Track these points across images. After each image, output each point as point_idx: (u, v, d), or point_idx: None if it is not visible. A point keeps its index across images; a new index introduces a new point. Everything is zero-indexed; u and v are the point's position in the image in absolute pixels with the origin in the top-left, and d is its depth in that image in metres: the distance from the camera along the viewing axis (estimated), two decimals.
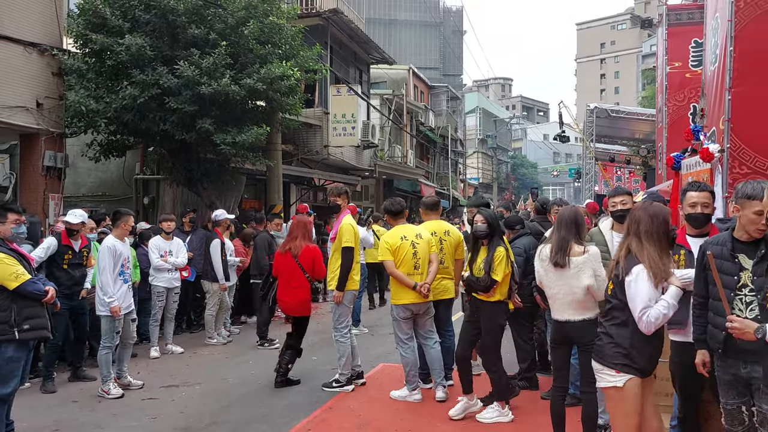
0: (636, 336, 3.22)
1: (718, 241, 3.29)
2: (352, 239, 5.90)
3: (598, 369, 3.37)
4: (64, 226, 6.56)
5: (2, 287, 4.45)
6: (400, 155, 25.41)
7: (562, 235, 4.04)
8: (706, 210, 3.73)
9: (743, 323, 2.92)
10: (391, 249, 5.60)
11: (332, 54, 17.10)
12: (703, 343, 3.34)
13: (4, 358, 4.42)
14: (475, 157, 46.60)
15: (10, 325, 4.45)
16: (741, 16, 5.32)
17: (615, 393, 3.26)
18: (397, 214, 5.92)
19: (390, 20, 45.06)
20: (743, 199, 3.09)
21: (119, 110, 9.42)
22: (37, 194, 9.77)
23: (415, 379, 5.75)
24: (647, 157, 18.62)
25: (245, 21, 9.86)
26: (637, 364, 3.22)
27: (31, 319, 4.56)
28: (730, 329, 2.96)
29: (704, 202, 3.71)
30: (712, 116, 6.24)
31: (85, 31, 9.49)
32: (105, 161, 10.99)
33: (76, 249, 6.46)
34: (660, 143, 11.79)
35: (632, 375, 3.22)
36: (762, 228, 3.05)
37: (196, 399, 5.94)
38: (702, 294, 3.36)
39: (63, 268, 6.34)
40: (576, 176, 33.67)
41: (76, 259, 6.46)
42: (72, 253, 6.42)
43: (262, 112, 10.64)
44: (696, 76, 10.10)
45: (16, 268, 4.50)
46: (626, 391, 3.22)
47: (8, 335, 4.44)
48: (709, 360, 3.32)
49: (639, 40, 68.24)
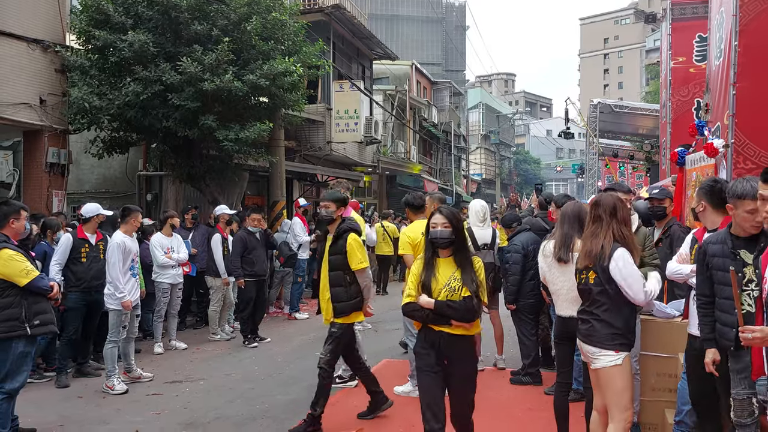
0: (627, 316, 3.47)
1: (717, 239, 3.30)
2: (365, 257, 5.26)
3: (594, 352, 3.48)
4: (82, 221, 6.60)
5: (12, 284, 4.49)
6: (403, 151, 25.39)
7: (565, 231, 4.05)
8: None
9: (765, 332, 2.74)
10: (412, 244, 5.53)
11: (335, 50, 17.06)
12: (711, 342, 3.32)
13: (16, 353, 4.48)
14: (478, 153, 46.53)
15: (21, 321, 4.50)
16: (746, 11, 5.29)
17: (615, 371, 3.44)
18: (418, 209, 5.88)
19: (392, 16, 44.98)
20: (735, 199, 3.14)
21: (122, 107, 9.42)
22: (41, 191, 9.78)
23: None
24: (651, 153, 18.56)
25: (248, 17, 9.84)
26: (629, 340, 3.48)
27: (41, 314, 4.63)
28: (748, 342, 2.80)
29: None
30: (716, 111, 6.21)
31: (87, 28, 9.49)
32: (108, 158, 11.00)
33: (92, 242, 6.49)
34: (664, 138, 11.75)
35: (627, 352, 3.45)
36: (757, 225, 3.07)
37: (199, 394, 5.96)
38: (706, 293, 3.35)
39: (81, 262, 6.38)
40: (579, 172, 33.61)
41: (94, 252, 6.47)
42: (89, 246, 6.45)
43: (264, 109, 10.62)
44: (700, 71, 10.04)
45: (26, 264, 4.56)
46: (624, 366, 3.43)
47: (20, 331, 4.49)
48: (719, 358, 3.29)
49: (643, 35, 67.97)
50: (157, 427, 5.09)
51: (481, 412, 5.33)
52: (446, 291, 3.55)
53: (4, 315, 4.45)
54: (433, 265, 3.63)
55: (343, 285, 4.93)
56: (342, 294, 4.93)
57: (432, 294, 3.57)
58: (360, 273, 4.99)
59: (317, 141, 16.20)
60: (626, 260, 3.39)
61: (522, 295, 6.14)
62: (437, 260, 3.64)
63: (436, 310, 3.51)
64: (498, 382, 6.24)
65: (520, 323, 6.21)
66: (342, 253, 4.94)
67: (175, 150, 10.59)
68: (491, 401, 5.60)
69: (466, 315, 3.52)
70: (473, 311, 3.52)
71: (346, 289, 4.94)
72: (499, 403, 5.56)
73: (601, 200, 3.61)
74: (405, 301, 3.65)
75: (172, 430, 5.02)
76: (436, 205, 6.36)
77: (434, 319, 3.56)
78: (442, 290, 3.55)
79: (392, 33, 42.47)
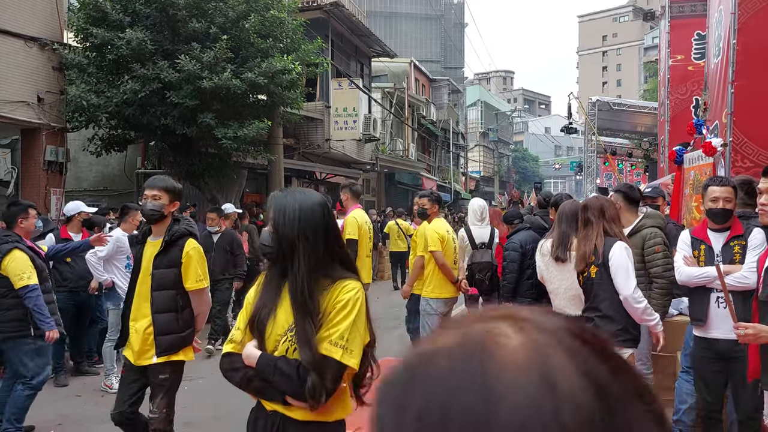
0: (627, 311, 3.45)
1: None
2: (356, 231, 5.90)
3: None
4: (65, 221, 6.62)
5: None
6: (401, 149, 25.38)
7: (563, 230, 4.04)
8: (728, 205, 3.59)
9: (756, 328, 2.80)
10: (442, 240, 5.56)
11: (333, 47, 17.04)
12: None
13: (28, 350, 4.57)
14: (477, 151, 46.51)
15: (27, 321, 4.57)
16: (744, 9, 5.29)
17: None
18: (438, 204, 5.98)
19: (391, 13, 44.88)
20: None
21: (120, 105, 9.40)
22: (39, 189, 9.76)
23: None
24: (649, 150, 18.59)
25: (246, 14, 9.83)
26: (633, 336, 3.48)
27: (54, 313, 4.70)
28: (741, 339, 2.87)
29: (726, 197, 3.59)
30: (715, 109, 6.22)
31: (85, 25, 9.47)
32: (106, 156, 10.99)
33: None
34: (662, 136, 11.76)
35: (632, 348, 3.47)
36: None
37: (199, 393, 5.95)
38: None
39: (66, 262, 6.36)
40: (577, 169, 33.62)
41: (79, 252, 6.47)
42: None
43: (263, 106, 10.62)
44: (699, 69, 10.05)
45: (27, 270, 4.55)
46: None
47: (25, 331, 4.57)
48: None
49: (641, 33, 67.92)
50: None
51: None
52: (287, 340, 2.07)
53: (10, 315, 4.50)
54: (277, 295, 2.12)
55: (173, 311, 3.61)
56: (171, 324, 3.59)
57: (265, 341, 2.11)
58: (198, 294, 3.69)
59: (316, 139, 16.19)
60: (622, 253, 3.44)
61: (519, 293, 6.14)
62: (285, 286, 2.11)
63: (258, 370, 2.07)
64: None
65: None
66: (176, 266, 3.59)
67: (174, 148, 10.58)
68: None
69: (298, 390, 1.98)
70: (306, 387, 1.95)
71: (177, 316, 3.61)
72: None
73: (589, 203, 3.67)
74: (224, 351, 2.23)
75: None
76: (347, 197, 6.34)
77: (259, 388, 2.10)
78: (282, 338, 2.08)
79: (390, 30, 42.40)
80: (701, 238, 3.71)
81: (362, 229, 6.02)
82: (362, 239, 6.00)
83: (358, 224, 6.01)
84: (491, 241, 6.61)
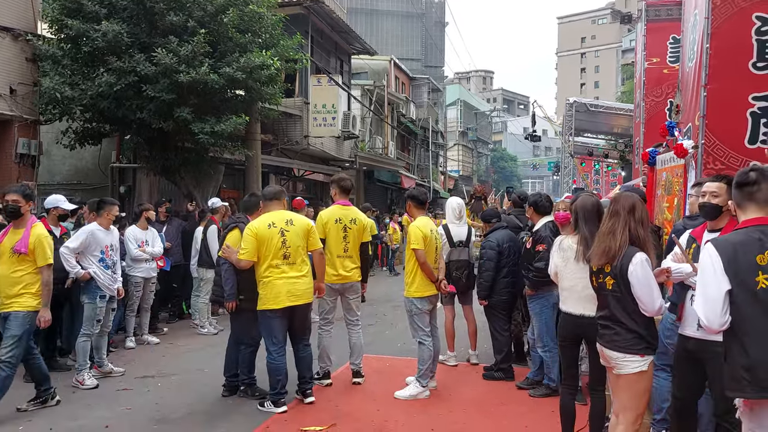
0: (646, 319, 3.36)
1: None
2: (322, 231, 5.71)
3: (618, 358, 3.36)
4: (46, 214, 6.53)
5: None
6: (381, 146, 25.37)
7: (590, 229, 3.81)
8: (714, 200, 3.53)
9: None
10: (426, 239, 5.50)
11: (313, 44, 16.97)
12: None
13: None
14: (456, 150, 46.70)
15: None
16: (717, 14, 5.37)
17: (639, 376, 3.34)
18: (423, 204, 5.85)
19: (372, 10, 44.78)
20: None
21: (95, 97, 9.26)
22: (10, 182, 9.55)
23: (429, 374, 5.68)
24: (625, 152, 18.80)
25: (225, 9, 9.74)
26: (652, 344, 3.39)
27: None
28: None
29: (713, 191, 3.54)
30: (688, 112, 6.31)
31: (60, 17, 9.28)
32: (80, 149, 10.80)
33: (57, 235, 6.38)
34: (637, 138, 11.91)
35: (652, 355, 3.39)
36: None
37: (171, 390, 5.90)
38: None
39: None
40: (555, 170, 33.97)
41: (57, 245, 6.36)
42: (54, 239, 6.33)
43: (241, 102, 10.53)
44: (674, 72, 10.17)
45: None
46: (648, 371, 3.37)
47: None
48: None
49: (619, 35, 68.82)
50: (127, 422, 5.03)
51: (454, 407, 5.39)
52: None
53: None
54: None
55: None
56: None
57: None
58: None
59: (294, 135, 16.12)
60: (645, 268, 3.30)
61: (496, 292, 6.19)
62: None
63: None
64: (471, 377, 6.28)
65: (494, 319, 6.27)
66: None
67: (150, 142, 10.45)
68: (464, 396, 5.65)
69: None
70: None
71: None
72: (472, 398, 5.61)
73: (620, 197, 3.52)
74: None
75: (143, 425, 4.97)
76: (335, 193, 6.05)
77: None
78: None
79: (371, 28, 42.29)
80: (695, 237, 3.72)
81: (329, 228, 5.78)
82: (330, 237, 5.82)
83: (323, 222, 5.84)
84: (468, 239, 6.66)
